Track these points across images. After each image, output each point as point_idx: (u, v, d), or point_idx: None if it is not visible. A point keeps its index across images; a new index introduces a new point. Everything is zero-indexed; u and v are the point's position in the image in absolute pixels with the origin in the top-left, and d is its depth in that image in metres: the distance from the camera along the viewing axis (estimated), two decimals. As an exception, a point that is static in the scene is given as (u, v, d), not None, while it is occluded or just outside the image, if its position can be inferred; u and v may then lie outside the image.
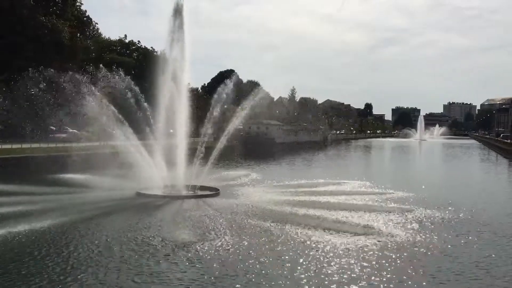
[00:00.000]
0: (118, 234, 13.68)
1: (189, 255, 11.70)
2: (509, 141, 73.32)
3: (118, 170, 24.09)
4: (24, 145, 32.19)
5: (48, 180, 23.29)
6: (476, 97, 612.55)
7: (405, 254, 12.29)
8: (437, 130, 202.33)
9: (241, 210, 17.48)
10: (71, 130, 37.46)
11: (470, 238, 14.41)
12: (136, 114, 23.23)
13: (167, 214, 16.92)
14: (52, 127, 37.17)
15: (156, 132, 23.16)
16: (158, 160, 22.66)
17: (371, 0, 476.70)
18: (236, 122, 24.17)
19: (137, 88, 23.63)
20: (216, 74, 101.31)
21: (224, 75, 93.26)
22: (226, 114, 25.72)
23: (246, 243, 12.83)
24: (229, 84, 24.90)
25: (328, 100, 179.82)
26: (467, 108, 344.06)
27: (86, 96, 21.66)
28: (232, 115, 24.57)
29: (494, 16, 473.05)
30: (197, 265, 11.03)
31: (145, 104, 23.47)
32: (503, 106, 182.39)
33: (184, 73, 23.08)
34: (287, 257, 11.78)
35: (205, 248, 12.26)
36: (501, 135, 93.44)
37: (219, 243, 12.77)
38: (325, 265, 11.25)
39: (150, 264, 11.07)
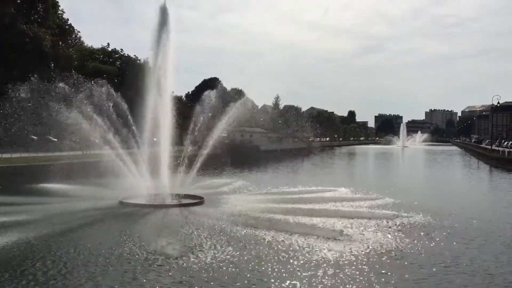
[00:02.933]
0: (99, 245, 13.49)
1: (171, 265, 11.59)
2: (489, 147, 74.65)
3: (101, 179, 23.88)
4: (5, 155, 31.72)
5: (29, 190, 22.96)
6: (457, 104, 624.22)
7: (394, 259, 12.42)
8: (419, 136, 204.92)
9: (225, 218, 17.43)
10: (53, 139, 37.05)
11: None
12: (119, 123, 23.12)
13: (150, 223, 16.77)
14: (33, 137, 36.71)
15: (140, 140, 23.04)
16: (141, 168, 22.53)
17: (353, 8, 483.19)
18: (219, 131, 24.19)
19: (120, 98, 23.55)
20: (200, 82, 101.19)
21: (208, 83, 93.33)
22: (210, 122, 25.71)
23: (229, 252, 12.80)
24: (213, 92, 24.94)
25: (312, 107, 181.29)
26: (449, 115, 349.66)
27: (69, 105, 21.46)
28: (216, 124, 24.60)
29: (474, 24, 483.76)
30: (178, 275, 10.93)
31: (128, 112, 23.39)
32: (483, 113, 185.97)
33: (168, 81, 23.05)
34: (272, 264, 11.79)
35: (188, 257, 12.18)
36: (473, 140, 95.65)
37: (202, 252, 12.71)
38: (310, 272, 11.29)
39: (130, 276, 10.92)
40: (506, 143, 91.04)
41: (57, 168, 27.63)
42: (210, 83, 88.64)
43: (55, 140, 36.90)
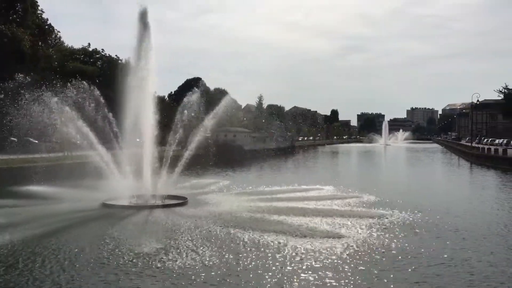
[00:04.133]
0: (80, 247, 13.31)
1: (152, 267, 11.47)
2: (469, 144, 75.81)
3: (83, 180, 23.59)
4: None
5: (9, 193, 22.57)
6: (438, 102, 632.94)
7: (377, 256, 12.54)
8: (401, 134, 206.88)
9: (209, 218, 17.40)
10: (33, 141, 36.44)
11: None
12: (101, 124, 22.87)
13: (132, 225, 16.62)
14: (13, 138, 36.07)
15: (122, 141, 22.82)
16: (124, 169, 22.33)
17: (335, 9, 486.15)
18: (203, 130, 24.12)
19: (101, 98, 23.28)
20: (183, 82, 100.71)
21: (191, 83, 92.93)
22: (193, 122, 25.60)
23: (213, 252, 12.76)
24: (196, 92, 24.85)
25: (295, 107, 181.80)
26: (429, 113, 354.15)
27: (49, 106, 21.13)
28: (199, 123, 24.51)
29: (454, 24, 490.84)
30: (160, 277, 10.85)
31: (110, 113, 23.15)
32: (463, 110, 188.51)
33: (150, 81, 22.86)
34: (256, 264, 11.80)
35: (170, 259, 12.10)
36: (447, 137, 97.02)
37: (185, 253, 12.64)
38: (293, 270, 11.33)
39: (112, 279, 10.79)
40: (485, 140, 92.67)
41: (38, 170, 27.21)
42: (193, 83, 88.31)
43: (36, 142, 36.31)
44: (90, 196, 21.33)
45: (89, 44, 64.71)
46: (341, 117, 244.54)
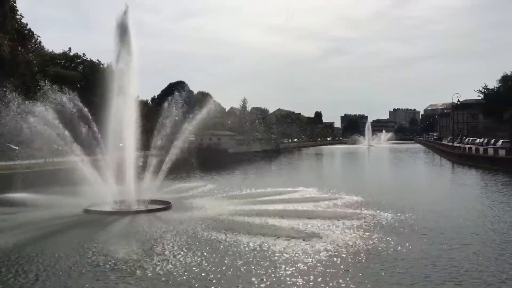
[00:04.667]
0: (61, 255, 13.08)
1: (134, 274, 11.31)
2: (451, 144, 76.85)
3: (64, 187, 23.23)
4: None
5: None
6: (420, 103, 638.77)
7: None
8: (384, 135, 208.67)
9: (193, 222, 17.29)
10: (14, 147, 35.83)
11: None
12: (83, 129, 22.61)
13: (115, 231, 16.44)
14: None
15: (105, 146, 22.57)
16: (106, 175, 22.07)
17: (318, 12, 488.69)
18: (186, 134, 23.97)
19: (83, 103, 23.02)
20: (166, 86, 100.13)
21: (174, 87, 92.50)
22: (177, 126, 25.43)
23: (197, 257, 12.67)
24: (178, 95, 24.72)
25: (279, 109, 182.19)
26: (411, 113, 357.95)
27: (29, 112, 20.79)
28: (183, 127, 24.36)
29: (433, 26, 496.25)
30: (142, 285, 10.70)
31: (92, 118, 22.90)
32: (444, 110, 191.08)
33: (132, 86, 22.68)
34: (239, 268, 11.75)
35: (152, 265, 11.96)
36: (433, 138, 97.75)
37: (167, 259, 12.50)
38: (277, 274, 11.31)
39: (93, 286, 10.62)
40: (466, 139, 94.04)
41: (18, 176, 26.72)
42: (176, 87, 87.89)
43: (16, 148, 35.70)
44: (72, 203, 21.01)
45: (70, 48, 63.92)
46: (325, 119, 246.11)
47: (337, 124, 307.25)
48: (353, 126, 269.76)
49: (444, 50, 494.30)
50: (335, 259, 12.48)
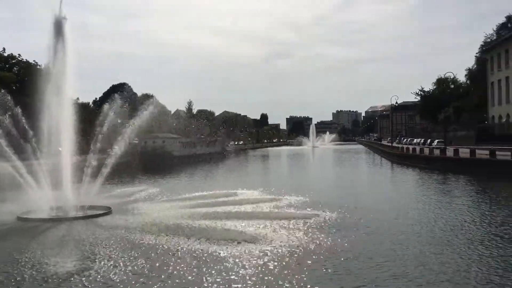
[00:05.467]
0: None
1: (69, 286, 10.77)
2: (390, 144, 79.87)
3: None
4: None
5: None
6: (362, 104, 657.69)
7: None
8: (328, 137, 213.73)
9: (133, 227, 16.75)
10: None
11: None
12: (16, 133, 21.52)
13: (50, 240, 15.58)
14: None
15: (40, 150, 21.53)
16: (42, 180, 21.06)
17: (261, 15, 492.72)
18: (127, 136, 23.35)
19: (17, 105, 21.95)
20: (108, 87, 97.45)
21: (117, 89, 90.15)
22: (118, 128, 24.72)
23: (137, 263, 12.29)
24: (118, 97, 24.05)
25: (225, 111, 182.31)
26: (354, 115, 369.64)
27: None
28: (124, 130, 23.69)
29: (374, 30, 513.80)
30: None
31: (26, 121, 21.85)
32: (384, 112, 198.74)
33: (68, 87, 21.78)
34: (181, 273, 11.54)
35: (90, 275, 11.45)
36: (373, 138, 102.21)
37: (107, 267, 12.02)
38: (216, 278, 11.21)
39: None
40: (405, 140, 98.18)
41: None
42: (119, 88, 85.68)
43: None
44: (4, 210, 19.84)
45: (4, 49, 60.76)
46: (271, 121, 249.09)
47: (283, 126, 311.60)
48: (298, 128, 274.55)
49: (384, 53, 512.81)
50: (276, 262, 12.44)
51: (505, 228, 16.71)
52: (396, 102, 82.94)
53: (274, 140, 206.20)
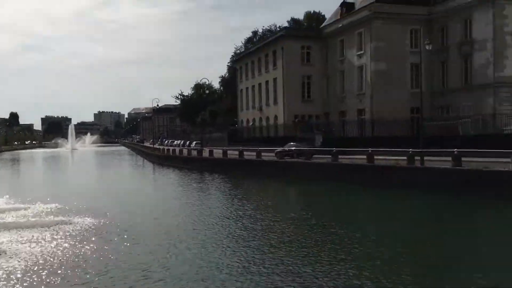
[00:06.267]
0: None
1: None
2: (152, 146, 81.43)
3: None
4: None
5: None
6: (125, 106, 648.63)
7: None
8: (89, 138, 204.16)
9: None
10: None
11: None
12: None
13: None
14: None
15: None
16: None
17: (10, 3, 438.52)
18: None
19: None
20: None
21: None
22: None
23: None
24: None
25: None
26: (116, 116, 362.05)
27: None
28: None
29: (133, 31, 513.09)
30: None
31: None
32: (146, 114, 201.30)
33: None
34: None
35: None
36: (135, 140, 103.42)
37: None
38: None
39: None
40: (166, 141, 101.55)
41: None
42: None
43: None
44: None
45: None
46: (23, 121, 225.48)
47: (37, 126, 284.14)
48: (55, 128, 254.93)
49: (146, 56, 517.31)
50: (28, 275, 11.54)
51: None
52: (158, 105, 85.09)
53: (26, 142, 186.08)
